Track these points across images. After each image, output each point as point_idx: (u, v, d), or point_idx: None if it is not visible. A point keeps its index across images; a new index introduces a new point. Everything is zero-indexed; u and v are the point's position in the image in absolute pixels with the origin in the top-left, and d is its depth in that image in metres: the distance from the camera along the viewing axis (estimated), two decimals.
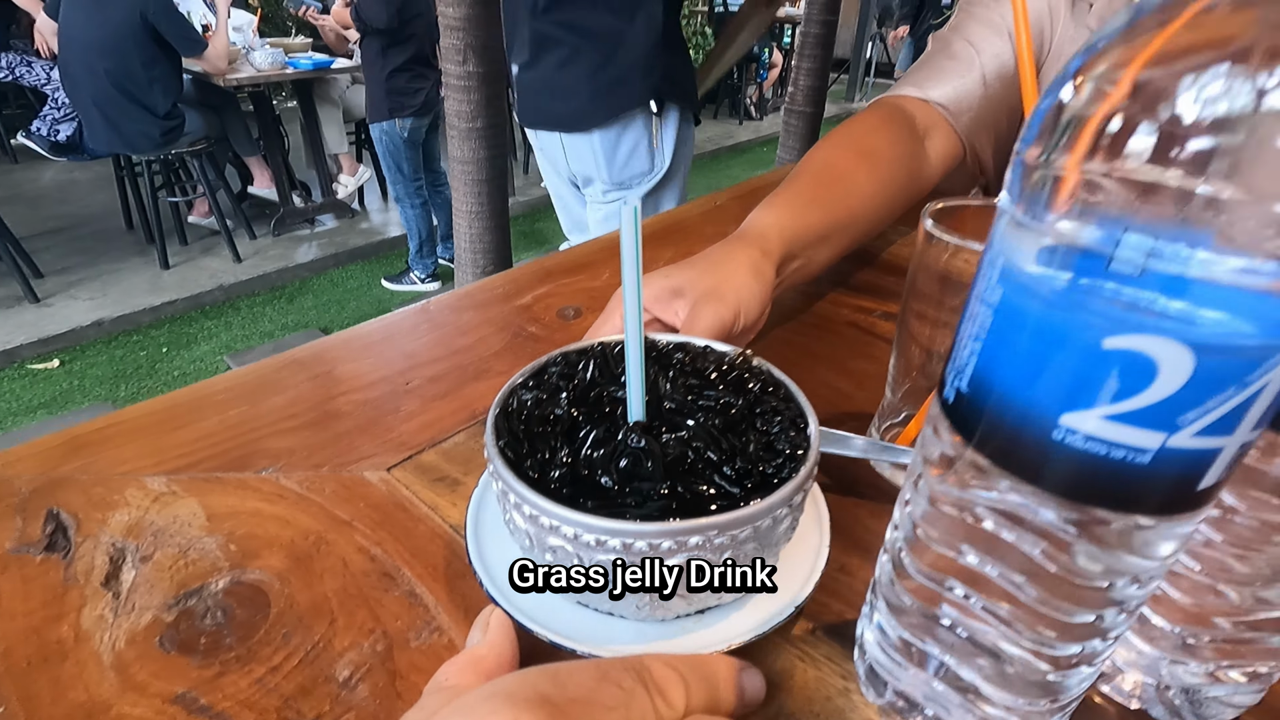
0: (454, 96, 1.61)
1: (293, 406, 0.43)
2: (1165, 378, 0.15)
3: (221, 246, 3.12)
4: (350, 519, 0.34)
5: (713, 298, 0.40)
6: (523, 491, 0.25)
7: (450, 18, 1.51)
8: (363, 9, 2.50)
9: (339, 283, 3.15)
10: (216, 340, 2.66)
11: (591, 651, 0.26)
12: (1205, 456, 0.16)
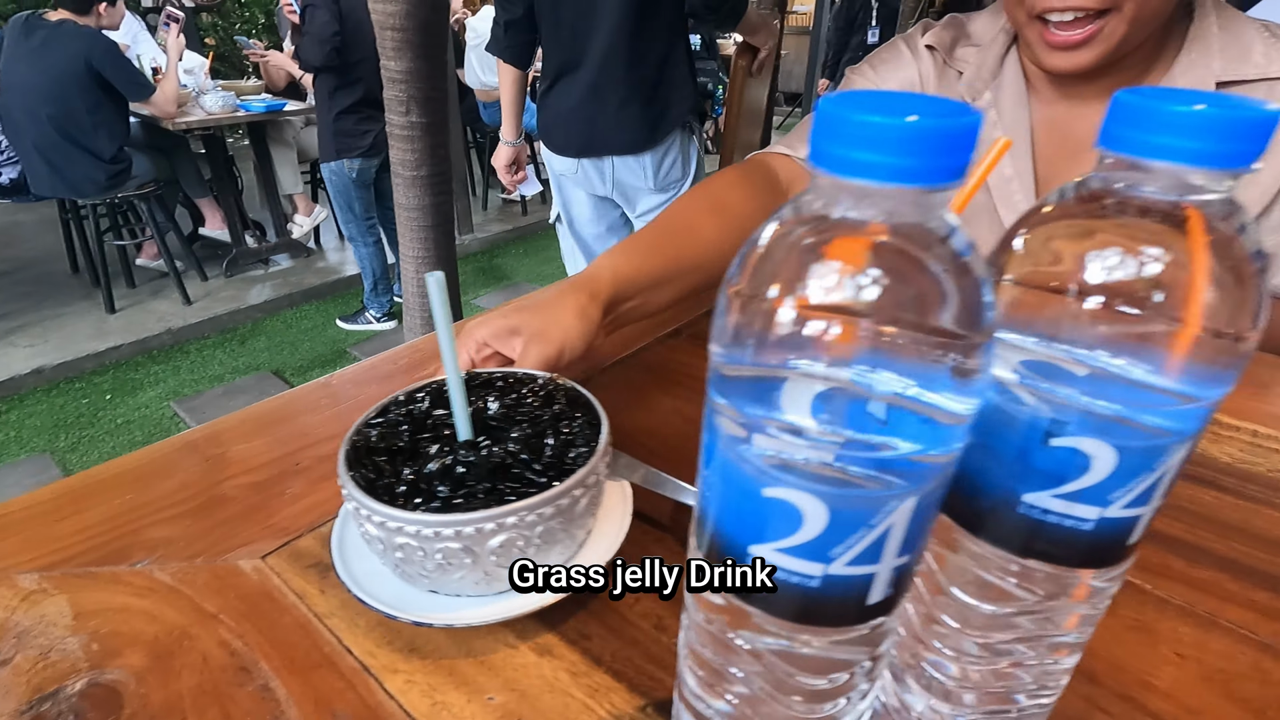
0: (398, 145, 1.64)
1: (180, 492, 0.44)
2: (810, 523, 0.18)
3: (170, 289, 3.08)
4: (217, 611, 0.35)
5: (540, 337, 0.47)
6: (371, 504, 0.32)
7: (393, 70, 1.54)
8: (301, 49, 2.53)
9: (293, 324, 3.12)
10: (164, 386, 2.61)
11: (430, 621, 0.33)
12: (862, 580, 0.19)
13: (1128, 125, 0.18)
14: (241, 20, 5.66)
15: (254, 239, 3.49)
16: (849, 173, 0.15)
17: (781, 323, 0.16)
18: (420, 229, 1.72)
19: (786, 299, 0.16)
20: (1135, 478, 0.19)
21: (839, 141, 0.15)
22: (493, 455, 0.35)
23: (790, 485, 0.17)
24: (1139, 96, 0.17)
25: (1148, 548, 0.41)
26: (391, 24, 1.48)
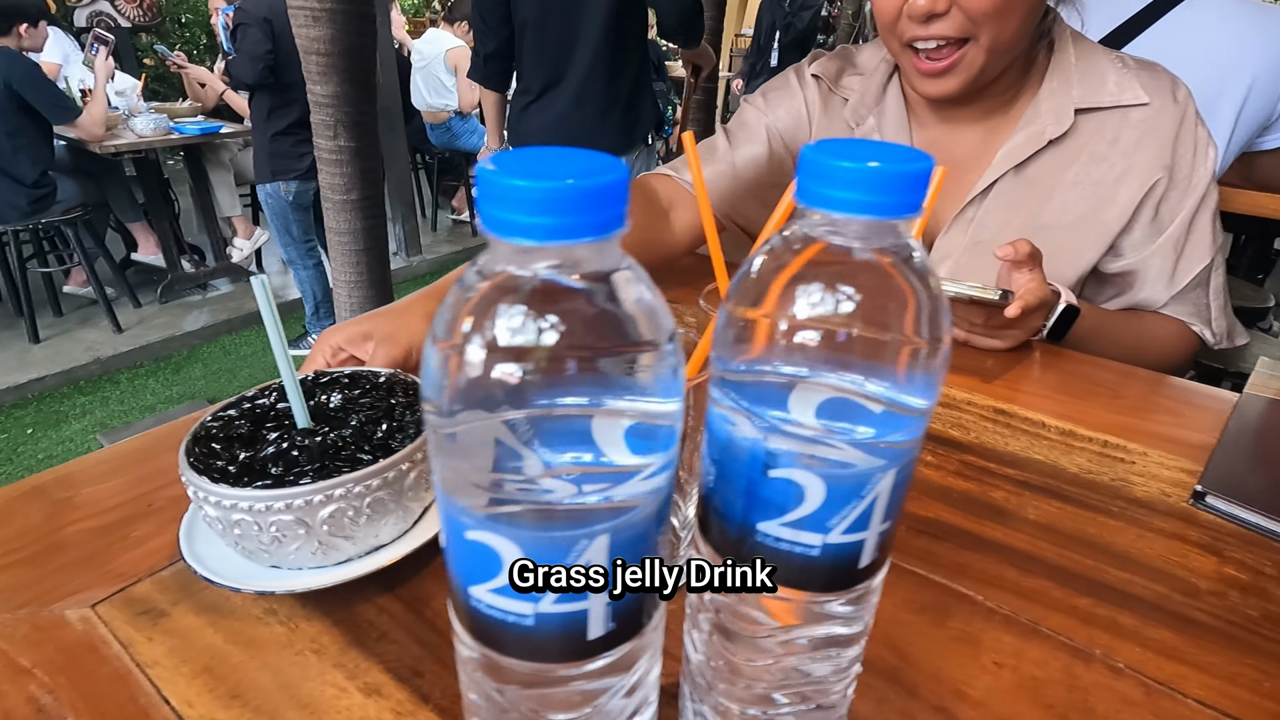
0: (327, 170, 1.62)
1: (14, 541, 0.42)
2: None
3: (100, 316, 2.97)
4: (31, 665, 0.34)
5: (389, 340, 0.52)
6: (206, 486, 0.34)
7: (319, 95, 1.53)
8: (233, 66, 2.49)
9: (231, 350, 3.03)
10: (90, 418, 2.50)
11: (272, 589, 0.36)
12: (577, 617, 0.19)
13: (808, 178, 0.19)
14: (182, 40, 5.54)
15: (191, 263, 3.40)
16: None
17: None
18: (352, 253, 1.70)
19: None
20: (846, 505, 0.20)
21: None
22: (326, 440, 0.38)
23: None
24: (818, 152, 0.19)
25: (985, 559, 0.42)
26: (316, 48, 1.47)
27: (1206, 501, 0.48)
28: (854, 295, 0.19)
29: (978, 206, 0.75)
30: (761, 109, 0.84)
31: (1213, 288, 0.76)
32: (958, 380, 0.62)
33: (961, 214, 0.76)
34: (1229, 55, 1.12)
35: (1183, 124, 0.70)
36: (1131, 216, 0.72)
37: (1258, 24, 1.12)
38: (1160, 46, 1.11)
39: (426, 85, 3.82)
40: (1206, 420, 0.57)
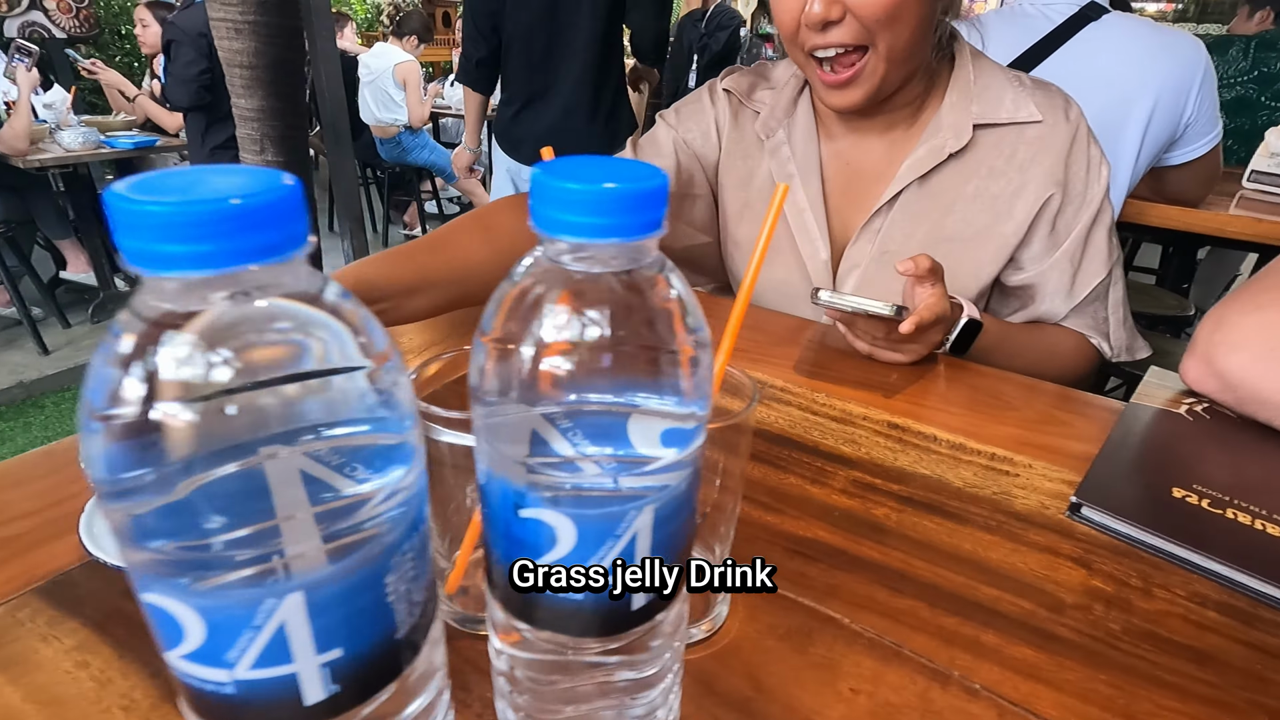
0: None
1: None
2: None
3: (25, 338, 2.83)
4: None
5: None
6: None
7: (244, 109, 1.49)
8: (168, 91, 2.42)
9: None
10: (11, 445, 2.38)
11: None
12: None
13: (541, 203, 0.18)
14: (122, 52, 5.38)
15: (127, 281, 3.27)
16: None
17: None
18: None
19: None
20: (602, 545, 0.19)
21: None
22: None
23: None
24: (548, 175, 0.17)
25: (858, 579, 0.42)
26: (240, 61, 1.43)
27: (1082, 513, 0.48)
28: (595, 323, 0.18)
29: (884, 217, 0.77)
30: (672, 124, 0.85)
31: (1111, 301, 0.79)
32: (856, 395, 0.62)
33: (869, 224, 0.77)
34: (1134, 76, 1.17)
35: (1074, 142, 0.73)
36: (1028, 230, 0.74)
37: (1160, 46, 1.17)
38: (1068, 69, 1.15)
39: (375, 100, 3.77)
40: (1094, 431, 0.58)
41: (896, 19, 0.64)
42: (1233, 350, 0.57)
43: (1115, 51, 1.16)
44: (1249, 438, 0.57)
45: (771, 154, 0.81)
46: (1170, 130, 1.22)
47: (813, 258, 0.80)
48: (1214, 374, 0.58)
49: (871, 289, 0.77)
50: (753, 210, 0.83)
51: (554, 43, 1.81)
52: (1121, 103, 1.17)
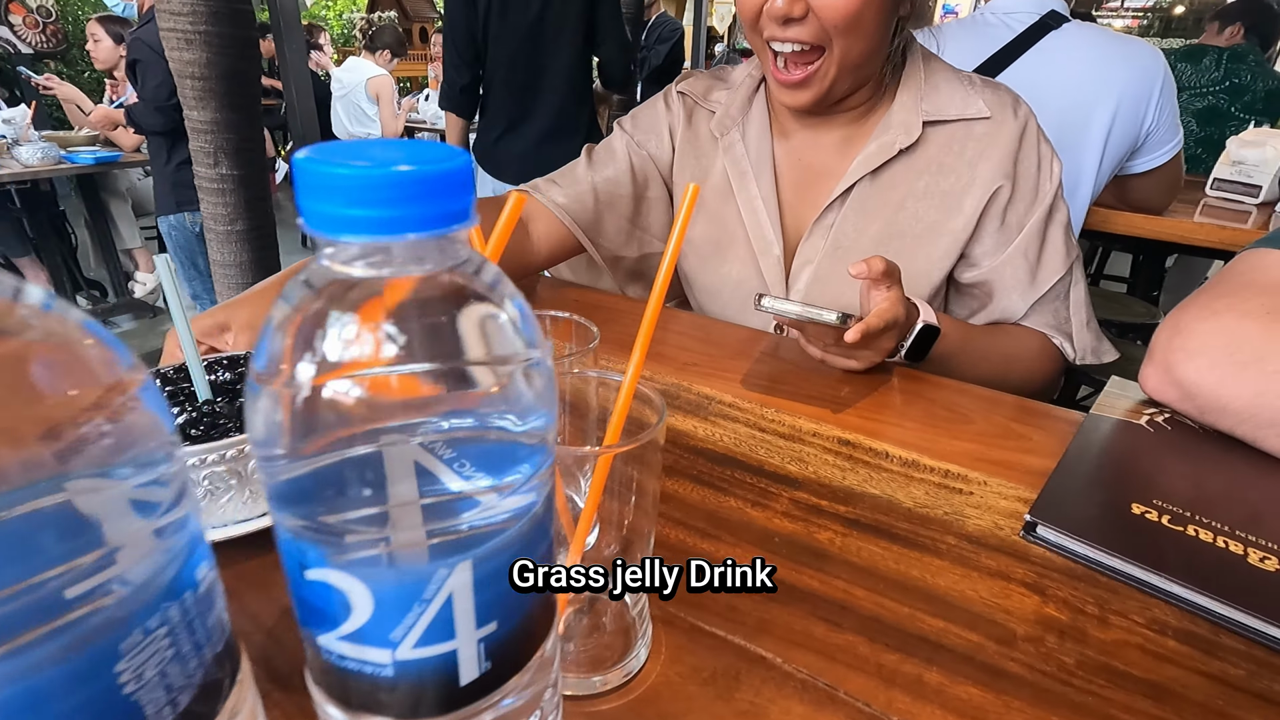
0: (209, 199, 1.53)
1: None
2: None
3: None
4: None
5: (249, 328, 0.52)
6: None
7: (196, 121, 1.45)
8: (136, 114, 2.37)
9: None
10: None
11: None
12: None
13: (316, 198, 0.14)
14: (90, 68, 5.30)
15: (89, 300, 3.19)
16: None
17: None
18: (239, 286, 1.60)
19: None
20: (405, 613, 0.16)
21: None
22: (231, 405, 0.42)
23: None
24: (320, 161, 0.14)
25: (794, 613, 0.38)
26: (191, 73, 1.40)
27: (1037, 533, 0.45)
28: (395, 341, 0.15)
29: (836, 212, 0.77)
30: (627, 129, 0.86)
31: (1073, 301, 0.78)
32: (807, 410, 0.60)
33: (820, 220, 0.77)
34: (1093, 84, 1.16)
35: (1023, 137, 0.74)
36: (977, 224, 0.73)
37: (1119, 55, 1.17)
38: (1028, 77, 1.15)
39: (347, 114, 3.73)
40: (1053, 444, 0.56)
41: (855, 26, 0.65)
42: (1190, 357, 0.55)
43: (1075, 60, 1.16)
44: (1211, 449, 0.55)
45: (725, 151, 0.81)
46: (1132, 138, 1.22)
47: (765, 254, 0.79)
48: (1172, 382, 0.56)
49: (824, 286, 0.77)
50: (706, 209, 0.83)
51: (533, 72, 1.93)
52: (1082, 109, 1.17)
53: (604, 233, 0.85)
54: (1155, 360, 0.58)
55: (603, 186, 0.83)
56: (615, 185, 0.83)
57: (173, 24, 1.34)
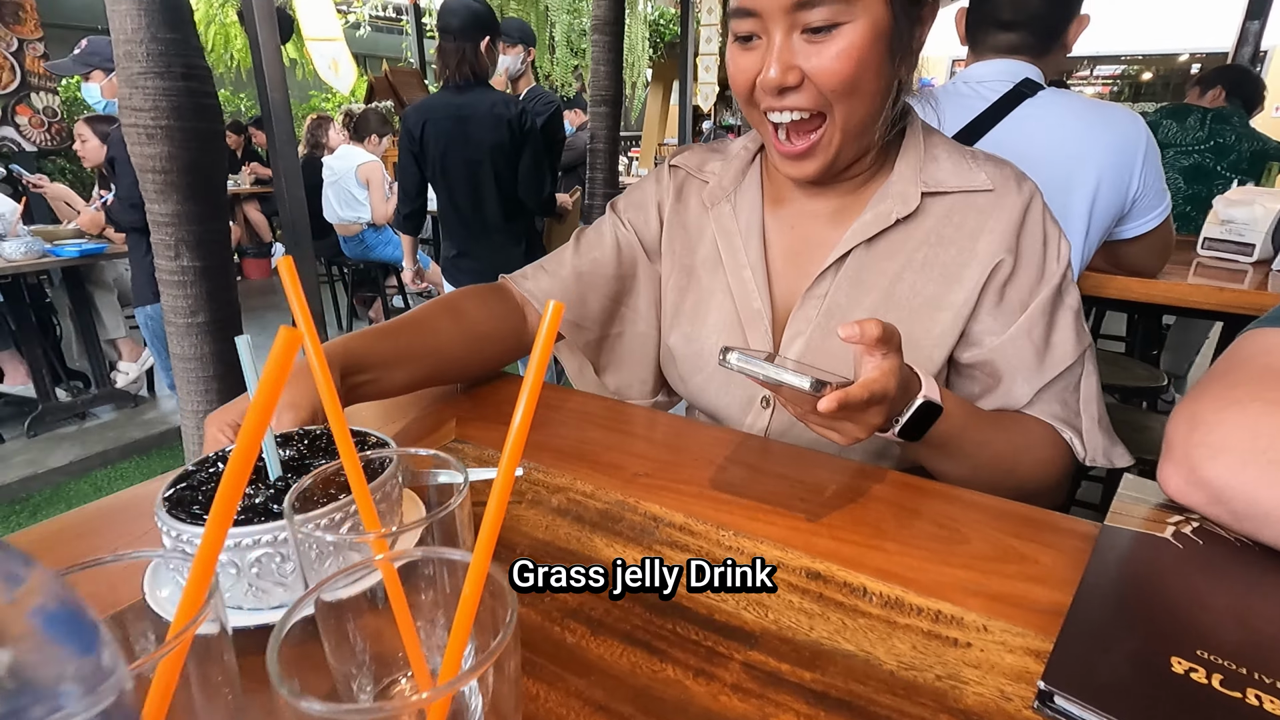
0: (169, 292, 1.48)
1: None
2: None
3: None
4: None
5: (292, 406, 0.52)
6: (168, 520, 0.38)
7: (157, 214, 1.42)
8: (114, 212, 2.38)
9: (105, 486, 2.73)
10: None
11: None
12: None
13: None
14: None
15: (70, 392, 3.13)
16: None
17: None
18: (200, 380, 1.54)
19: None
20: None
21: None
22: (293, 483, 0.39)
23: None
24: None
25: None
26: (153, 166, 1.37)
27: (1055, 704, 0.36)
28: None
29: (829, 281, 0.72)
30: (618, 210, 0.86)
31: (1083, 395, 0.70)
32: (772, 531, 0.51)
33: (813, 289, 0.73)
34: (1074, 151, 1.13)
35: (1028, 212, 0.70)
36: (978, 300, 0.69)
37: (1100, 122, 1.14)
38: (1006, 145, 1.11)
39: (338, 199, 3.78)
40: (1064, 567, 0.47)
41: (854, 89, 0.63)
42: (1215, 454, 0.47)
43: (1054, 127, 1.12)
44: (1254, 568, 0.45)
45: (715, 221, 0.79)
46: (1118, 205, 1.17)
47: (754, 325, 0.75)
48: (1198, 484, 0.48)
49: (816, 358, 0.71)
50: (695, 280, 0.80)
51: (474, 211, 2.28)
52: (1063, 177, 1.13)
53: (588, 314, 0.84)
54: (1175, 457, 0.50)
55: (586, 269, 0.83)
56: (599, 266, 0.83)
57: (134, 119, 1.33)
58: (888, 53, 0.63)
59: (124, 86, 1.33)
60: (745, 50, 0.65)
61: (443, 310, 0.75)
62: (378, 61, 8.36)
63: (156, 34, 1.32)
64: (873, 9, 0.60)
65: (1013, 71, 1.16)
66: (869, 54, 0.61)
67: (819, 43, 0.61)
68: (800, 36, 0.61)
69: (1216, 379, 0.51)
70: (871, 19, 0.60)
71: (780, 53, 0.61)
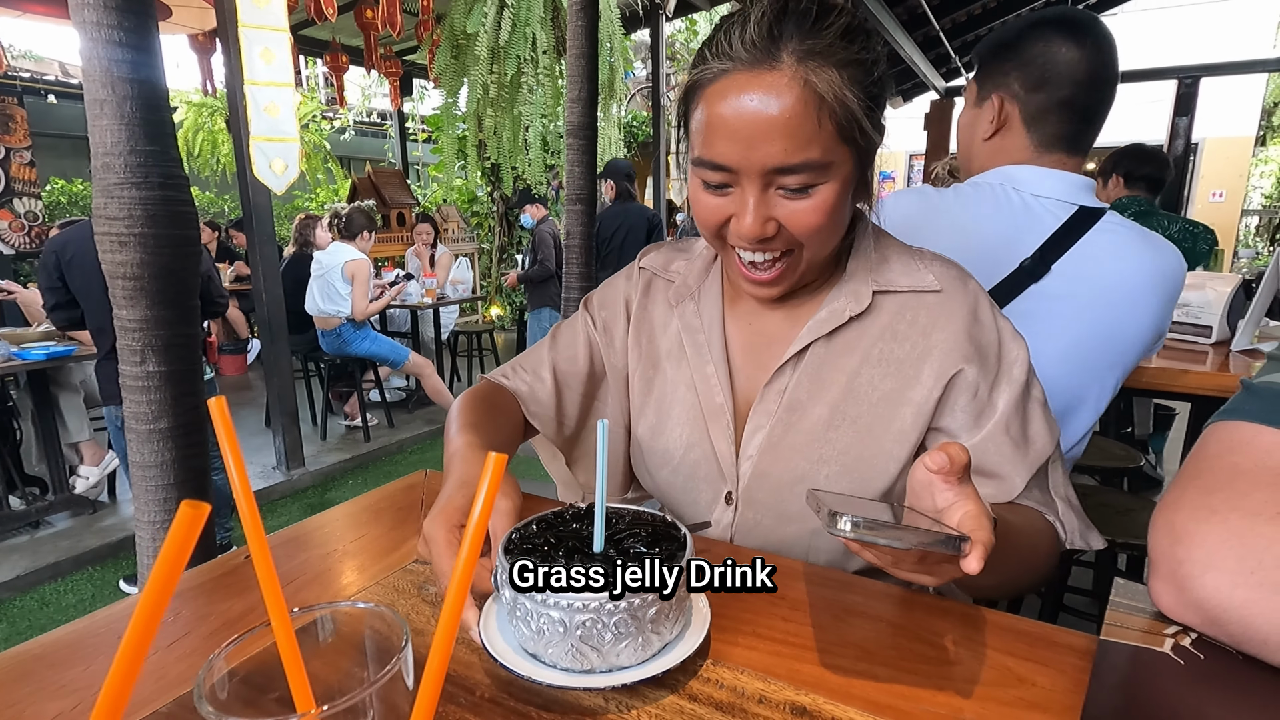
0: (132, 398, 1.44)
1: None
2: None
3: None
4: None
5: (507, 496, 0.56)
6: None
7: (125, 319, 1.40)
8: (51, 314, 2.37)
9: (51, 601, 2.56)
10: None
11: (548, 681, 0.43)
12: None
13: None
14: None
15: (24, 499, 2.98)
16: None
17: None
18: (160, 488, 1.47)
19: None
20: None
21: None
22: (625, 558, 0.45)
23: None
24: None
25: None
26: (123, 273, 1.37)
27: None
28: None
29: (789, 375, 0.73)
30: (591, 308, 0.87)
31: (1053, 481, 0.71)
32: (753, 659, 0.47)
33: (772, 383, 0.73)
34: (1133, 287, 1.01)
35: (976, 312, 0.71)
36: (943, 401, 0.69)
37: (1153, 262, 1.02)
38: (1075, 270, 1.00)
39: (321, 292, 3.80)
40: (1063, 689, 0.44)
41: (827, 230, 0.65)
42: (1203, 570, 0.45)
43: (1116, 258, 1.01)
44: (1263, 687, 0.43)
45: (680, 318, 0.81)
46: (1156, 339, 1.07)
47: (716, 420, 0.75)
48: (1191, 605, 0.46)
49: (776, 451, 0.72)
50: (662, 374, 0.81)
51: None
52: (1126, 308, 1.02)
53: (566, 411, 0.85)
54: (1162, 574, 0.48)
55: (563, 366, 0.84)
56: (574, 364, 0.84)
57: (107, 228, 1.34)
58: (851, 194, 0.66)
59: (99, 196, 1.35)
60: (716, 194, 0.65)
61: (492, 391, 0.83)
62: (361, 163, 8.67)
63: (136, 146, 1.35)
64: (843, 167, 0.62)
65: (1070, 190, 1.04)
66: (840, 203, 0.63)
67: (794, 199, 0.62)
68: (775, 191, 0.62)
69: (1190, 483, 0.50)
70: (842, 175, 0.62)
71: (757, 207, 0.62)
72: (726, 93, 0.59)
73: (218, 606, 0.54)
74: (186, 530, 0.18)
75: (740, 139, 0.59)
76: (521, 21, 5.05)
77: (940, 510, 0.48)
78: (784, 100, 0.58)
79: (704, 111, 0.61)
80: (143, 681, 0.45)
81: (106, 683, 0.19)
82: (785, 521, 0.71)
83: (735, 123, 0.59)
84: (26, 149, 5.05)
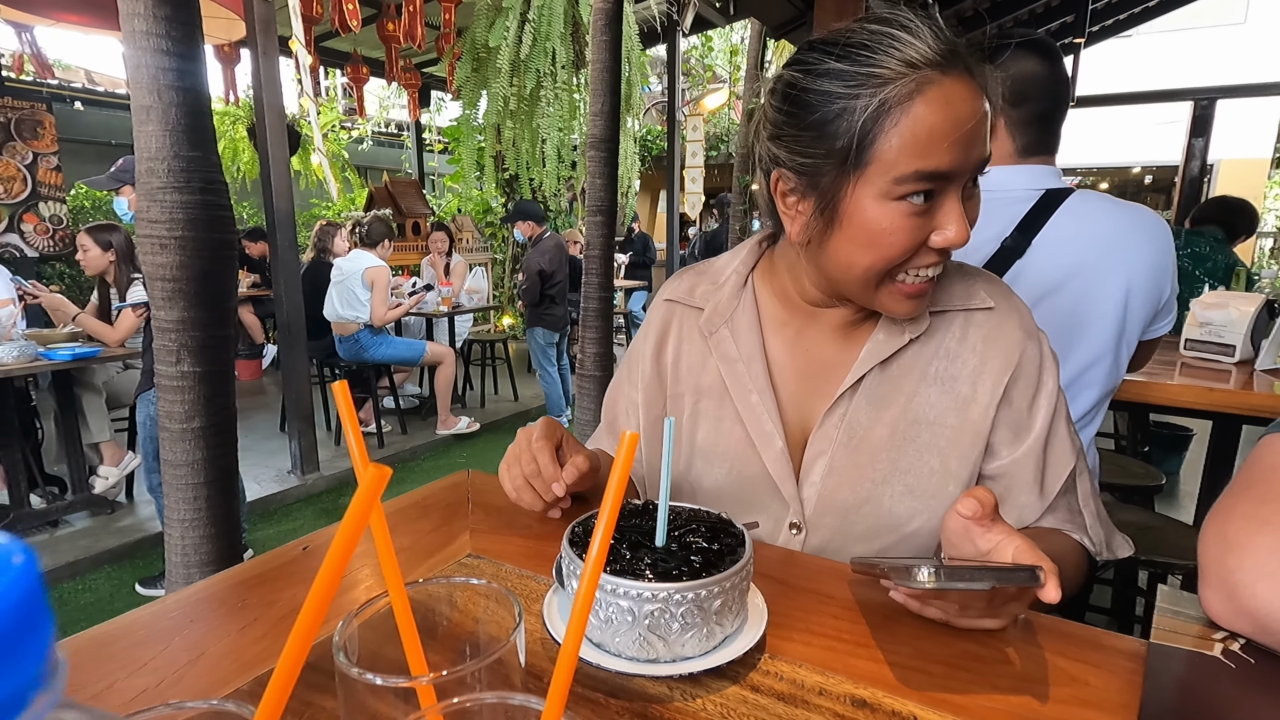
0: (166, 397, 1.47)
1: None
2: None
3: None
4: None
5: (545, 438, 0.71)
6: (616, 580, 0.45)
7: (163, 320, 1.43)
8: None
9: (69, 600, 2.58)
10: None
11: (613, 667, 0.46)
12: None
13: None
14: None
15: (45, 498, 3.02)
16: None
17: None
18: (190, 486, 1.49)
19: None
20: None
21: None
22: (677, 553, 0.49)
23: None
24: None
25: None
26: (163, 275, 1.40)
27: None
28: None
29: (848, 402, 0.72)
30: (622, 378, 0.88)
31: (1080, 494, 0.73)
32: (814, 655, 0.49)
33: (833, 410, 0.73)
34: (1110, 253, 1.10)
35: (1025, 330, 0.72)
36: (996, 412, 0.70)
37: (1130, 224, 1.12)
38: (1059, 238, 1.10)
39: (340, 298, 3.85)
40: (1115, 690, 0.45)
41: None
42: (1256, 580, 0.46)
43: (1089, 229, 1.11)
44: None
45: (716, 348, 0.79)
46: (1153, 307, 1.15)
47: (768, 448, 0.74)
48: (1242, 613, 0.47)
49: (840, 477, 0.71)
50: (705, 412, 0.79)
51: None
52: (1098, 280, 1.11)
53: (642, 470, 0.87)
54: (1212, 583, 0.49)
55: (623, 418, 0.89)
56: (644, 394, 0.85)
57: (149, 231, 1.37)
58: None
59: (143, 200, 1.38)
60: (918, 215, 0.61)
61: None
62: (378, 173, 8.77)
63: (179, 151, 1.39)
64: None
65: (1035, 178, 1.15)
66: None
67: (968, 197, 0.63)
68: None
69: (1242, 492, 0.51)
70: None
71: (965, 212, 0.62)
72: (941, 99, 0.58)
73: (282, 594, 0.56)
74: (373, 488, 0.20)
75: (961, 141, 0.59)
76: (542, 36, 5.12)
77: (985, 553, 0.51)
78: (980, 98, 0.60)
79: (911, 124, 0.58)
80: (222, 661, 0.47)
81: (297, 625, 0.20)
82: (853, 542, 0.71)
83: (954, 126, 0.58)
84: (53, 154, 5.14)
